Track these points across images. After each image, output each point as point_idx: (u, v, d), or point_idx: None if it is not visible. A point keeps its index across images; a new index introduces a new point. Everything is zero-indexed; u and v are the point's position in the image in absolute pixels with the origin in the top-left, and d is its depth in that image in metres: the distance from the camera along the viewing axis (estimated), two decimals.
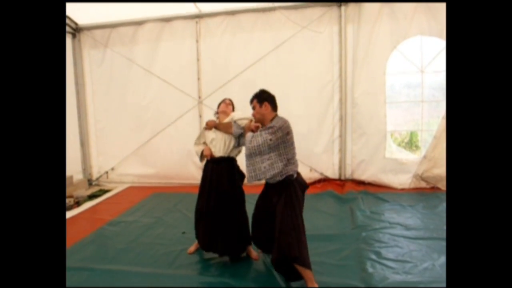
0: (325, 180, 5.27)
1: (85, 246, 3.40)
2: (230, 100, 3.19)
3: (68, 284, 2.70)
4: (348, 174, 5.27)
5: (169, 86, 5.45)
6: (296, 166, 2.60)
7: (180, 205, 4.57)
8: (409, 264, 2.81)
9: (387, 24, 4.75)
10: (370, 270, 2.74)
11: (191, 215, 4.04)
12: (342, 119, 5.11)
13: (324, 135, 5.22)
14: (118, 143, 5.80)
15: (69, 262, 3.04)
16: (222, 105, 3.12)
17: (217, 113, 3.15)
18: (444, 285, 2.48)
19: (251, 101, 2.72)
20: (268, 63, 5.17)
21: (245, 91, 5.24)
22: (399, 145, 6.31)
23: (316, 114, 5.18)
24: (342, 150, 5.20)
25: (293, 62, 5.11)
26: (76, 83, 5.56)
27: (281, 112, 5.08)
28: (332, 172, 5.31)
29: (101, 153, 5.87)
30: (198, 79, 5.40)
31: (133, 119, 5.70)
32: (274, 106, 2.68)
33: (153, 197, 5.03)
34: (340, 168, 5.27)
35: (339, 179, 5.27)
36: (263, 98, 2.65)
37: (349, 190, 4.83)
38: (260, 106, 2.63)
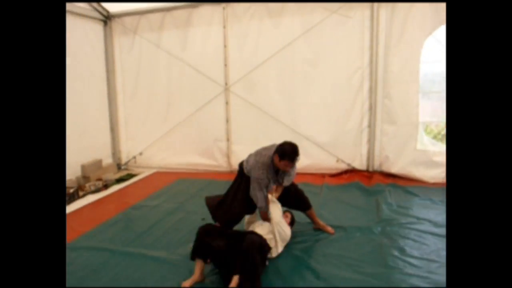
0: (352, 171, 5.08)
1: (109, 228, 3.50)
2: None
3: (89, 263, 2.79)
4: (376, 165, 5.05)
5: (196, 73, 5.45)
6: None
7: (202, 192, 4.57)
8: (434, 263, 2.64)
9: (423, 9, 4.43)
10: (391, 267, 2.61)
11: None
12: (372, 108, 4.89)
13: (352, 125, 5.02)
14: (146, 128, 5.91)
15: (93, 242, 3.16)
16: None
17: None
18: None
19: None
20: (296, 49, 5.02)
21: (271, 78, 5.21)
22: (435, 137, 5.98)
23: (344, 103, 4.98)
24: (371, 141, 4.98)
25: (322, 48, 4.92)
26: (107, 70, 5.69)
27: (308, 100, 4.99)
28: (359, 163, 5.12)
29: (130, 138, 6.01)
30: (225, 65, 5.35)
31: (161, 105, 5.77)
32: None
33: (177, 182, 5.10)
34: (368, 159, 5.07)
35: (367, 171, 5.07)
36: None
37: (377, 182, 4.64)
38: None
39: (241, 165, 3.10)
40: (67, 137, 4.87)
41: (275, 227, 2.85)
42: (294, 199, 3.24)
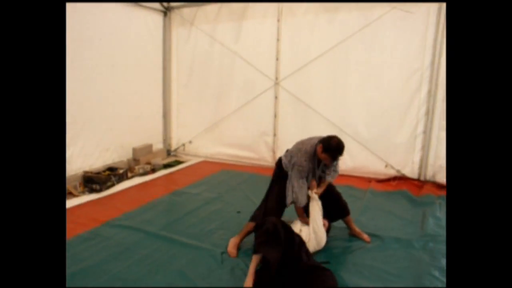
0: (400, 179, 4.76)
1: (149, 210, 3.66)
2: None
3: (124, 241, 2.94)
4: (429, 175, 4.69)
5: (248, 66, 5.46)
6: None
7: (244, 185, 4.62)
8: None
9: None
10: (426, 286, 2.40)
11: (252, 196, 4.08)
12: (429, 113, 4.52)
13: (406, 130, 4.69)
14: (197, 117, 6.07)
15: (132, 222, 3.33)
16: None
17: None
18: None
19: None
20: (350, 46, 4.79)
21: (323, 75, 5.05)
22: None
23: (399, 106, 4.66)
24: (425, 148, 4.62)
25: (378, 47, 4.64)
26: (164, 59, 5.92)
27: (359, 100, 4.75)
28: (410, 170, 4.78)
29: (181, 126, 6.22)
30: (277, 59, 5.29)
31: (212, 96, 5.88)
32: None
33: (221, 173, 5.18)
34: (420, 167, 4.71)
35: (418, 180, 4.73)
36: None
37: (427, 193, 4.30)
38: None
39: (279, 161, 3.06)
40: (122, 120, 5.30)
41: (311, 223, 2.77)
42: (333, 203, 3.09)
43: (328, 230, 3.02)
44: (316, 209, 2.87)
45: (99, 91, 4.77)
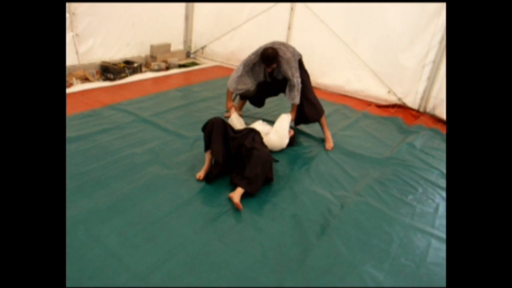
0: (400, 107, 4.75)
1: (148, 101, 4.08)
2: None
3: (117, 121, 3.42)
4: (429, 107, 4.63)
5: None
6: None
7: None
8: (407, 206, 2.62)
9: None
10: (360, 195, 2.67)
11: None
12: (442, 42, 4.28)
13: (415, 56, 4.51)
14: (217, 22, 6.10)
15: (130, 108, 3.76)
16: None
17: None
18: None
19: None
20: None
21: None
22: None
23: (413, 30, 4.42)
24: (431, 79, 4.49)
25: None
26: None
27: (373, 21, 4.54)
28: (412, 100, 4.73)
29: (201, 29, 6.33)
30: None
31: (233, 2, 5.82)
32: None
33: (228, 77, 5.40)
34: (422, 98, 4.64)
35: (417, 110, 4.70)
36: None
37: (420, 124, 4.32)
38: None
39: None
40: (144, 18, 5.50)
41: (276, 123, 3.16)
42: (305, 112, 3.39)
43: (292, 140, 3.30)
44: (285, 117, 3.15)
45: None
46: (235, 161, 2.63)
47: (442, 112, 4.48)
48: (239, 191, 2.36)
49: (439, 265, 2.05)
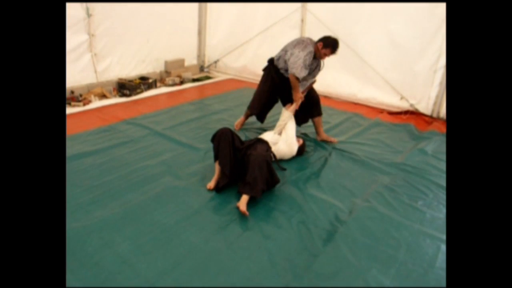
0: (412, 113, 4.72)
1: (162, 114, 4.23)
2: None
3: (132, 135, 3.56)
4: (442, 113, 4.58)
5: None
6: None
7: None
8: (416, 212, 2.61)
9: None
10: (368, 201, 2.68)
11: None
12: None
13: (426, 62, 4.50)
14: (230, 36, 6.26)
15: (144, 122, 3.91)
16: None
17: None
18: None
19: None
20: None
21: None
22: None
23: (422, 36, 4.42)
24: (443, 84, 4.45)
25: None
26: None
27: (382, 28, 4.57)
28: (425, 106, 4.69)
29: (214, 44, 6.50)
30: None
31: (245, 15, 5.96)
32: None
33: (240, 90, 5.53)
34: (435, 103, 4.60)
35: (430, 116, 4.65)
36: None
37: (433, 129, 4.28)
38: None
39: (270, 61, 3.65)
40: (159, 35, 5.72)
41: (283, 133, 3.24)
42: (310, 101, 3.58)
43: (302, 148, 3.34)
44: (290, 126, 3.21)
45: (136, 5, 5.13)
46: (242, 170, 2.69)
47: None
48: (244, 199, 2.42)
49: None
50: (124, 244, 2.04)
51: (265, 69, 3.75)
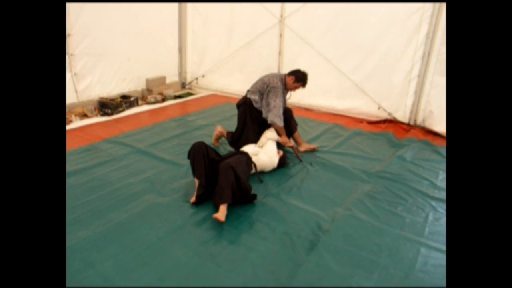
0: (391, 122, 4.87)
1: (144, 132, 4.23)
2: None
3: (114, 153, 3.55)
4: (420, 120, 4.74)
5: (254, 2, 5.53)
6: None
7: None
8: (396, 217, 2.68)
9: None
10: (348, 209, 2.73)
11: None
12: (424, 57, 4.45)
13: (400, 72, 4.68)
14: (211, 53, 6.35)
15: (126, 140, 3.89)
16: None
17: None
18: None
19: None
20: None
21: (323, 14, 5.01)
22: None
23: (395, 47, 4.61)
24: (418, 93, 4.63)
25: None
26: None
27: (356, 40, 4.73)
28: (402, 114, 4.85)
29: (195, 61, 6.57)
30: None
31: (224, 32, 6.07)
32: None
33: (223, 105, 5.59)
34: (411, 112, 4.76)
35: (408, 124, 4.80)
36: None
37: (411, 136, 4.41)
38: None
39: (244, 98, 3.64)
40: (139, 53, 5.76)
41: (264, 147, 3.31)
42: (287, 123, 3.66)
43: (283, 160, 3.39)
44: (271, 143, 3.31)
45: (115, 24, 5.18)
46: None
47: (431, 124, 4.58)
48: (220, 209, 2.47)
49: (427, 272, 2.10)
50: (107, 263, 2.03)
51: (240, 107, 3.77)
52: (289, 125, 3.71)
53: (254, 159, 3.07)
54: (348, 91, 5.10)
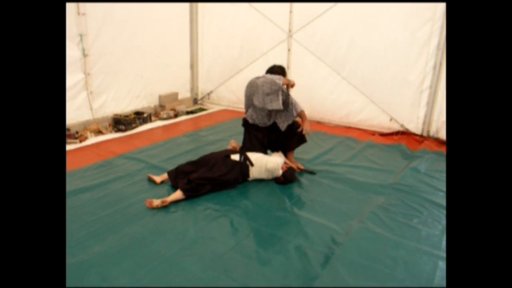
0: (403, 133, 4.84)
1: (157, 147, 4.29)
2: None
3: (128, 169, 3.60)
4: (433, 131, 4.70)
5: (263, 18, 5.62)
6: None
7: None
8: (412, 230, 2.64)
9: None
10: (362, 222, 2.71)
11: None
12: (436, 68, 4.44)
13: (412, 84, 4.67)
14: (222, 68, 6.45)
15: (140, 156, 3.96)
16: None
17: None
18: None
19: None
20: None
21: (332, 26, 5.07)
22: None
23: (406, 59, 4.61)
24: (430, 104, 4.60)
25: None
26: (191, 12, 6.28)
27: (366, 53, 4.75)
28: (415, 126, 4.81)
29: (206, 76, 6.67)
30: (290, 12, 5.39)
31: (236, 47, 6.17)
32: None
33: (234, 120, 5.62)
34: (424, 123, 4.73)
35: (421, 135, 4.76)
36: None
37: (424, 148, 4.37)
38: None
39: (243, 119, 3.90)
40: (152, 71, 5.90)
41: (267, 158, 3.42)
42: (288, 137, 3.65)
43: (290, 175, 3.38)
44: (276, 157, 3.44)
45: (129, 43, 5.33)
46: None
47: (445, 134, 4.53)
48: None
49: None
50: (122, 278, 2.05)
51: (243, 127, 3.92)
52: (290, 143, 3.65)
53: (253, 157, 3.29)
54: (359, 103, 5.10)
